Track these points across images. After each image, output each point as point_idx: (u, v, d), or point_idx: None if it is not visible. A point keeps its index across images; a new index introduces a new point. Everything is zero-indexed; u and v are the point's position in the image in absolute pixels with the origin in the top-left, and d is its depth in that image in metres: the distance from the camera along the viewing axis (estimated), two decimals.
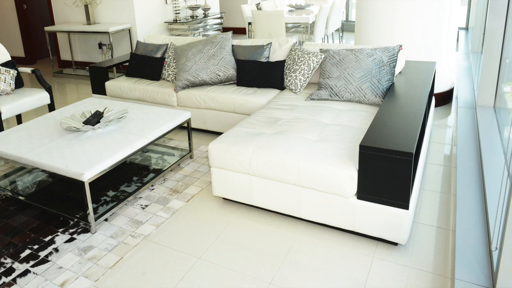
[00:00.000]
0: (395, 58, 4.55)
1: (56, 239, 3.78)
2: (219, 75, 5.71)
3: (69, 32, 9.79)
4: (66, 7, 10.07)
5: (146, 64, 6.40)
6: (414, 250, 3.34)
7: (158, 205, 4.21)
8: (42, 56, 12.13)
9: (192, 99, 5.70)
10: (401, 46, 4.65)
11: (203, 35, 10.42)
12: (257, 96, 5.30)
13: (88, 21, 9.38)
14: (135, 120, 4.78)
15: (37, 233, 3.88)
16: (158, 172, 4.76)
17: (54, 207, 4.16)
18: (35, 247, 3.68)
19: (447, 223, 3.67)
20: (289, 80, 5.29)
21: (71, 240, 3.75)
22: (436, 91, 6.29)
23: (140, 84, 6.21)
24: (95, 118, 4.57)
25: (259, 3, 11.26)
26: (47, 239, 3.78)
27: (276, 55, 5.73)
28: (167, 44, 6.50)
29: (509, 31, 4.98)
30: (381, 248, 3.38)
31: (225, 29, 14.57)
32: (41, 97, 5.99)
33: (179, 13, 9.88)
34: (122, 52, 9.69)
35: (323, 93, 4.74)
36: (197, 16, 10.28)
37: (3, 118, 5.44)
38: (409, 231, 3.21)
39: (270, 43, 5.78)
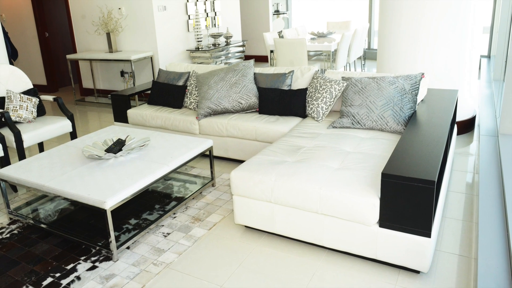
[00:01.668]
0: (417, 86, 4.62)
1: (78, 267, 3.83)
2: (241, 103, 5.79)
3: (91, 60, 9.97)
4: (88, 35, 10.29)
5: (168, 92, 6.50)
6: (436, 278, 3.36)
7: (180, 233, 4.26)
8: (64, 84, 12.34)
9: (214, 127, 5.78)
10: (423, 74, 4.72)
11: (225, 63, 10.53)
12: (279, 124, 5.36)
13: (110, 49, 9.55)
14: (157, 148, 4.86)
15: (59, 261, 3.93)
16: (180, 200, 4.83)
17: (76, 235, 4.22)
18: (57, 275, 3.73)
19: (469, 251, 3.69)
20: (311, 108, 5.36)
21: (93, 268, 3.81)
22: (458, 119, 6.32)
23: (162, 112, 6.31)
24: (117, 146, 4.64)
25: (281, 31, 11.37)
26: (69, 267, 3.84)
27: (298, 83, 5.80)
28: (189, 72, 6.60)
29: None
30: (403, 276, 3.41)
31: (247, 57, 14.68)
32: (63, 125, 6.05)
33: (201, 41, 10.02)
34: (144, 80, 9.83)
35: (345, 121, 4.81)
36: (219, 44, 10.42)
37: (25, 146, 5.51)
38: (431, 259, 3.25)
39: (292, 71, 5.86)
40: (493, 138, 5.68)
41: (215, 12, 11.07)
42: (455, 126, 5.45)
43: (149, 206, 4.74)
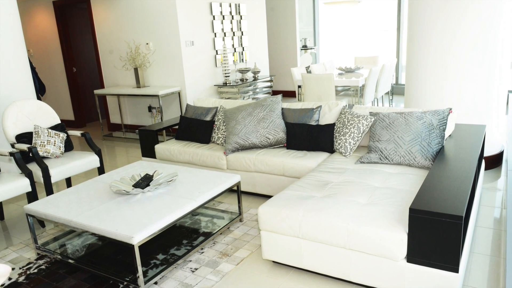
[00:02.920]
0: (445, 121, 4.68)
1: None
2: (268, 138, 5.88)
3: (118, 95, 10.12)
4: (115, 70, 10.48)
5: (195, 127, 6.61)
6: None
7: (207, 268, 4.30)
8: (91, 119, 12.51)
9: (242, 162, 5.86)
10: (451, 109, 4.78)
11: (253, 98, 10.61)
12: (307, 159, 5.42)
13: (138, 84, 9.70)
14: (184, 183, 4.92)
15: None
16: (207, 235, 4.87)
17: (104, 270, 4.26)
18: None
19: (497, 286, 3.70)
20: (339, 143, 5.42)
21: None
22: (486, 154, 6.33)
23: (190, 147, 6.41)
24: (144, 181, 4.72)
25: (308, 66, 11.47)
26: None
27: (325, 118, 5.87)
28: (217, 107, 6.72)
29: None
30: None
31: (274, 92, 14.82)
32: (91, 160, 6.13)
33: (228, 76, 10.11)
34: (171, 115, 9.93)
35: (373, 156, 4.88)
36: (246, 79, 10.52)
37: (52, 181, 5.58)
38: None
39: (320, 106, 5.93)
40: None
41: (243, 47, 11.22)
42: (483, 161, 5.47)
43: (176, 241, 4.78)
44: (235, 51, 10.93)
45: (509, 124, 8.38)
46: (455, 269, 3.16)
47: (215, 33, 10.14)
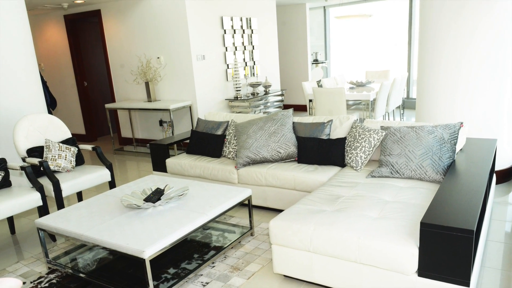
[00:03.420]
0: (456, 135, 4.70)
1: None
2: (280, 152, 5.91)
3: (129, 109, 10.17)
4: (126, 84, 10.55)
5: (207, 141, 6.65)
6: None
7: (219, 282, 4.31)
8: (103, 133, 12.59)
9: (253, 176, 5.89)
10: (462, 123, 4.80)
11: (264, 112, 10.64)
12: (318, 174, 5.44)
13: (149, 98, 9.75)
14: (196, 197, 4.95)
15: None
16: (218, 249, 4.89)
17: (115, 285, 4.28)
18: None
19: None
20: (350, 157, 5.45)
21: None
22: (497, 168, 6.33)
23: (201, 161, 6.45)
24: (156, 196, 4.75)
25: (320, 80, 11.51)
26: None
27: (337, 132, 5.90)
28: (228, 121, 6.76)
29: None
30: None
31: (286, 106, 14.85)
32: (102, 174, 6.17)
33: (240, 90, 10.16)
34: (182, 129, 9.99)
35: (384, 170, 4.90)
36: (258, 93, 10.56)
37: (63, 195, 5.62)
38: None
39: (331, 120, 5.96)
40: None
41: (254, 61, 11.29)
42: (494, 175, 5.48)
43: (187, 255, 4.80)
44: (246, 65, 10.99)
45: None
46: (466, 283, 3.17)
47: (226, 47, 10.22)
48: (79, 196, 6.56)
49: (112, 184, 6.36)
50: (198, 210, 4.56)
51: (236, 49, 10.54)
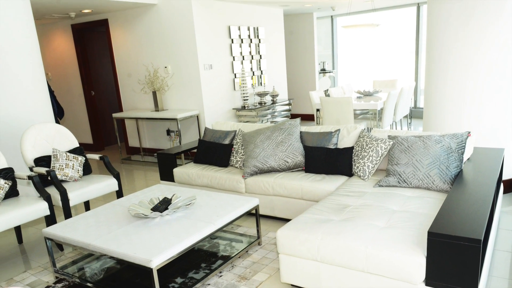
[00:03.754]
0: (464, 144, 4.72)
1: None
2: (287, 162, 5.93)
3: (137, 119, 10.20)
4: (134, 93, 10.61)
5: (214, 151, 6.68)
6: None
7: None
8: (110, 143, 12.63)
9: (260, 185, 5.90)
10: (469, 132, 4.82)
11: (271, 122, 10.67)
12: (325, 183, 5.45)
13: (156, 107, 9.79)
14: (203, 206, 4.96)
15: None
16: (226, 258, 4.90)
17: None
18: None
19: None
20: (357, 167, 5.47)
21: None
22: (504, 177, 6.34)
23: (208, 170, 6.48)
24: (163, 205, 4.75)
25: (327, 90, 11.53)
26: None
27: (344, 142, 5.91)
28: (235, 131, 6.78)
29: None
30: None
31: (293, 116, 14.90)
32: (109, 183, 6.20)
33: (247, 99, 10.21)
34: (190, 138, 10.02)
35: (391, 179, 4.92)
36: (265, 103, 10.59)
37: (71, 204, 5.64)
38: None
39: (339, 130, 5.98)
40: None
41: (261, 71, 11.34)
42: (502, 184, 5.48)
43: (195, 264, 4.82)
44: (253, 74, 11.04)
45: None
46: None
47: (233, 57, 10.27)
48: (87, 205, 6.58)
49: (119, 194, 6.38)
50: (205, 219, 4.57)
51: (243, 59, 10.60)
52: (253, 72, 11.04)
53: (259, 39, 11.14)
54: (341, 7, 13.25)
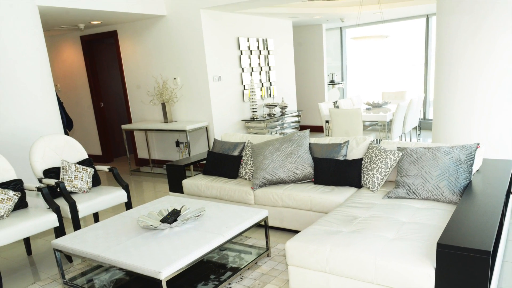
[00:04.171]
0: (473, 156, 4.73)
1: None
2: (296, 173, 5.95)
3: (146, 130, 10.27)
4: (143, 105, 10.65)
5: (223, 162, 6.71)
6: None
7: None
8: (119, 154, 12.67)
9: (269, 197, 5.92)
10: (478, 144, 4.84)
11: (280, 133, 10.68)
12: (334, 195, 5.46)
13: (165, 119, 9.83)
14: (212, 218, 4.99)
15: None
16: (235, 270, 4.91)
17: None
18: None
19: None
20: (367, 178, 5.48)
21: None
22: None
23: (217, 182, 6.50)
24: (172, 216, 4.78)
25: (336, 101, 11.56)
26: None
27: (353, 153, 5.93)
28: (244, 142, 6.82)
29: None
30: None
31: (302, 127, 14.90)
32: (118, 195, 6.21)
33: (256, 111, 10.24)
34: (199, 150, 10.05)
35: (401, 191, 4.93)
36: (274, 114, 10.60)
37: (80, 216, 5.67)
38: None
39: (348, 141, 6.00)
40: None
41: (271, 82, 11.38)
42: (511, 196, 5.49)
43: (204, 276, 4.83)
44: (262, 86, 11.08)
45: None
46: None
47: (242, 68, 10.31)
48: (96, 217, 6.59)
49: (128, 205, 6.40)
50: (214, 231, 4.59)
51: (252, 70, 10.64)
52: (262, 83, 11.07)
53: (268, 51, 11.18)
54: (350, 19, 13.30)
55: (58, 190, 5.75)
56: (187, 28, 9.29)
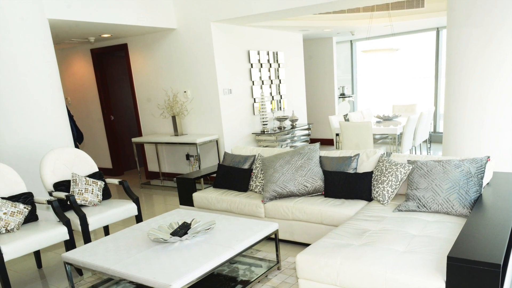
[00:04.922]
0: (483, 169, 4.75)
1: None
2: (306, 186, 5.98)
3: (156, 143, 10.32)
4: (153, 118, 10.71)
5: (233, 176, 6.74)
6: None
7: None
8: (129, 167, 12.74)
9: (280, 210, 5.94)
10: (488, 157, 4.86)
11: (291, 146, 10.71)
12: (345, 208, 5.49)
13: (176, 132, 9.88)
14: (222, 231, 5.00)
15: None
16: (245, 283, 4.93)
17: None
18: None
19: None
20: (377, 191, 5.50)
21: None
22: None
23: (228, 195, 6.54)
24: (182, 230, 4.80)
25: (346, 114, 11.58)
26: None
27: (363, 166, 5.96)
28: (255, 155, 6.85)
29: None
30: None
31: (312, 140, 14.93)
32: (129, 208, 6.23)
33: (266, 124, 10.28)
34: (209, 163, 10.09)
35: (411, 204, 4.95)
36: (284, 127, 10.65)
37: (90, 229, 5.71)
38: None
39: (358, 154, 6.03)
40: None
41: (281, 95, 11.43)
42: None
43: None
44: (273, 99, 11.12)
45: None
46: None
47: (253, 81, 10.36)
48: (106, 230, 6.64)
49: (138, 218, 6.42)
50: (224, 244, 4.61)
51: (263, 83, 10.68)
52: (273, 96, 11.11)
53: (279, 64, 11.24)
54: (361, 32, 13.35)
55: (68, 203, 5.78)
56: (197, 41, 9.36)
